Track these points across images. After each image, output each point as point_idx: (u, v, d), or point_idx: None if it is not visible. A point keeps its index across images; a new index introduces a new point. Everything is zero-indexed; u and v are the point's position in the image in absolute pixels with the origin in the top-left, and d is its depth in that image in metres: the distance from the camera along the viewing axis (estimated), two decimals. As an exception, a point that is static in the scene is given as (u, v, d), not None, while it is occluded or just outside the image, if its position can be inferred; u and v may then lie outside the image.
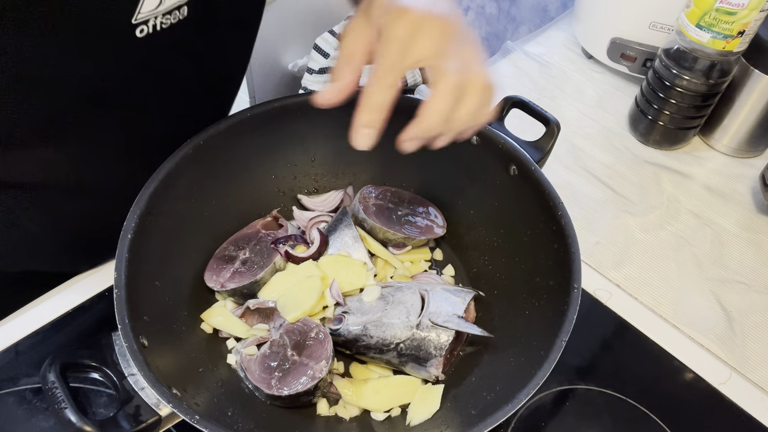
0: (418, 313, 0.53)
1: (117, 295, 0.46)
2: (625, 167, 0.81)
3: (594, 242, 0.72)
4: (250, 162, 0.61)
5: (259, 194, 0.63)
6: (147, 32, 0.44)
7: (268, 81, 1.68)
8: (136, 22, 0.43)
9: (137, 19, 0.43)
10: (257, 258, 0.58)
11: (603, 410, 0.57)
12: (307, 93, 0.76)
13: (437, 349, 0.52)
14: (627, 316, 0.64)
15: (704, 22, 0.71)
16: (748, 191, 0.79)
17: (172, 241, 0.55)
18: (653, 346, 0.61)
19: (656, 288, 0.68)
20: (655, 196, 0.78)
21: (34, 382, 0.54)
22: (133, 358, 0.43)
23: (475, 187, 0.62)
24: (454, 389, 0.53)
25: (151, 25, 0.44)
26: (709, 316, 0.66)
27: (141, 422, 0.44)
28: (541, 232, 0.55)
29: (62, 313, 0.59)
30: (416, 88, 0.93)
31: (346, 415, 0.52)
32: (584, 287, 0.60)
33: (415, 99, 0.62)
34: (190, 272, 0.57)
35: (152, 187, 0.52)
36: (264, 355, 0.52)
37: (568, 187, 0.78)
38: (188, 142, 0.55)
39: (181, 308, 0.54)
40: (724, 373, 0.60)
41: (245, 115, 0.58)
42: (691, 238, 0.73)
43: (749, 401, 0.58)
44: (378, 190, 0.64)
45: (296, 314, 0.53)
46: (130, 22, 0.42)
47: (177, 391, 0.45)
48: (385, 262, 0.61)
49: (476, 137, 0.59)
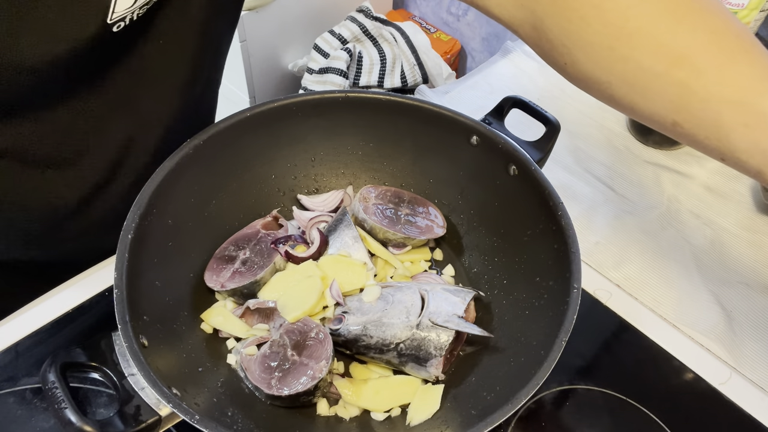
0: (418, 313, 0.53)
1: (117, 295, 0.46)
2: (625, 167, 0.81)
3: (594, 242, 0.72)
4: (250, 162, 0.61)
5: (259, 194, 0.63)
6: (124, 26, 0.44)
7: (268, 81, 1.68)
8: (112, 21, 0.43)
9: (112, 19, 0.43)
10: (257, 258, 0.58)
11: (603, 410, 0.57)
12: (307, 93, 0.76)
13: (437, 349, 0.52)
14: (627, 316, 0.64)
15: (704, 22, 0.71)
16: (748, 191, 0.79)
17: (172, 241, 0.55)
18: (653, 346, 0.61)
19: (656, 288, 0.68)
20: (655, 196, 0.78)
21: (34, 382, 0.54)
22: (133, 358, 0.43)
23: (475, 187, 0.62)
24: (454, 389, 0.53)
25: (128, 19, 0.44)
26: (709, 316, 0.66)
27: (141, 422, 0.44)
28: (541, 232, 0.55)
29: (62, 313, 0.59)
30: (416, 88, 0.93)
31: (346, 415, 0.52)
32: (584, 287, 0.60)
33: (415, 99, 0.62)
34: (190, 272, 0.57)
35: (152, 187, 0.52)
36: (264, 355, 0.52)
37: (568, 187, 0.78)
38: (188, 142, 0.55)
39: (181, 308, 0.54)
40: (724, 373, 0.60)
41: (245, 115, 0.58)
42: (691, 238, 0.73)
43: (749, 401, 0.58)
44: (378, 190, 0.64)
45: (296, 314, 0.53)
46: (106, 22, 0.42)
47: (177, 391, 0.44)
48: (385, 262, 0.61)
49: (476, 137, 0.59)
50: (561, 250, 0.51)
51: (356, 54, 1.61)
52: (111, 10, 0.42)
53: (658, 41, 0.41)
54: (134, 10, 0.44)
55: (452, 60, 1.81)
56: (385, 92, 0.89)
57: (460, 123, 0.60)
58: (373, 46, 1.68)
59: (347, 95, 0.61)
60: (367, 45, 1.67)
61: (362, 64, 1.63)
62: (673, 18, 0.41)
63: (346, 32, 1.64)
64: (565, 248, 0.51)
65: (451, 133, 0.60)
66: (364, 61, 1.63)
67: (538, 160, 0.57)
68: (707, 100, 0.40)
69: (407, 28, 1.67)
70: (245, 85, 1.63)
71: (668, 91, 0.41)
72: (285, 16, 1.58)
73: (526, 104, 0.61)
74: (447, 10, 1.83)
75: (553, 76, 0.94)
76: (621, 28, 0.42)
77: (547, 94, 0.91)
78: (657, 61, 0.41)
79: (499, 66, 0.96)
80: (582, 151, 0.83)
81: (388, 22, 1.69)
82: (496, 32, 1.75)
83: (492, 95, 0.90)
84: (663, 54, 0.41)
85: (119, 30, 0.44)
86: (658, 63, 0.41)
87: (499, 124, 0.60)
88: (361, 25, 1.66)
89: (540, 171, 0.55)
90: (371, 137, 0.64)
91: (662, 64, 0.41)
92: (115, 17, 0.43)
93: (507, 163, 0.58)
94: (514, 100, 0.61)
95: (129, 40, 0.46)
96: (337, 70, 1.57)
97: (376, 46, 1.68)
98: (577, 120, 0.87)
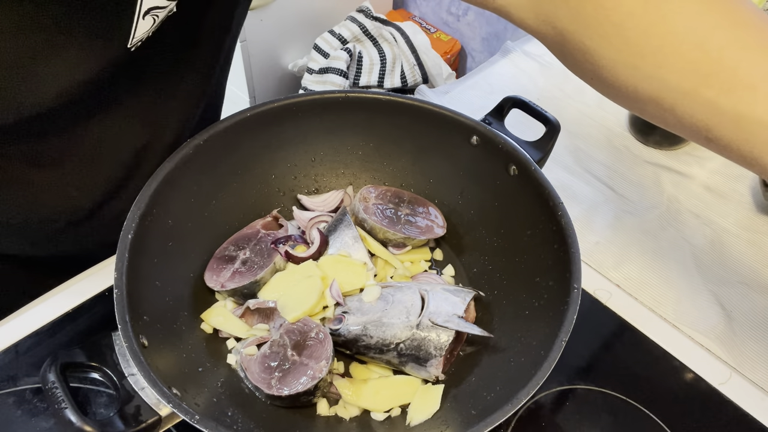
0: (418, 313, 0.53)
1: (117, 295, 0.46)
2: (625, 167, 0.81)
3: (594, 242, 0.72)
4: (250, 162, 0.61)
5: (259, 194, 0.63)
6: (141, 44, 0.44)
7: (268, 81, 1.68)
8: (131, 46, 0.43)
9: (132, 43, 0.43)
10: (257, 258, 0.58)
11: (603, 410, 0.57)
12: (307, 93, 0.76)
13: (437, 349, 0.52)
14: (627, 316, 0.64)
15: (704, 22, 0.71)
16: (747, 191, 0.79)
17: (172, 241, 0.55)
18: (653, 346, 0.61)
19: (656, 288, 0.68)
20: (655, 196, 0.78)
21: (34, 382, 0.54)
22: (133, 358, 0.43)
23: (475, 187, 0.62)
24: (454, 389, 0.53)
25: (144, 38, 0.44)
26: (709, 316, 0.66)
27: (141, 422, 0.44)
28: (541, 232, 0.55)
29: (62, 313, 0.59)
30: (416, 88, 0.93)
31: (346, 415, 0.52)
32: (584, 287, 0.60)
33: (415, 99, 0.62)
34: (190, 272, 0.57)
35: (152, 187, 0.52)
36: (264, 355, 0.52)
37: (568, 187, 0.78)
38: (188, 142, 0.55)
39: (181, 308, 0.54)
40: (724, 373, 0.60)
41: (245, 115, 0.58)
42: (691, 238, 0.73)
43: (749, 401, 0.58)
44: (378, 190, 0.64)
45: (296, 314, 0.53)
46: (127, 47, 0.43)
47: (177, 391, 0.45)
48: (385, 262, 0.61)
49: (476, 137, 0.59)
50: (561, 250, 0.51)
51: (356, 54, 1.61)
52: (132, 36, 0.42)
53: (685, 59, 0.39)
54: (151, 31, 0.44)
55: (452, 60, 1.81)
56: (385, 92, 0.89)
57: (460, 123, 0.60)
58: (373, 46, 1.68)
59: (347, 95, 0.61)
60: (367, 45, 1.67)
61: (362, 64, 1.63)
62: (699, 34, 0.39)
63: (346, 32, 1.64)
64: (565, 248, 0.51)
65: (451, 133, 0.60)
66: (364, 61, 1.63)
67: (538, 160, 0.57)
68: (737, 121, 0.39)
69: (407, 28, 1.67)
70: (245, 85, 1.63)
71: (697, 110, 0.40)
72: (285, 16, 1.58)
73: (526, 104, 0.61)
74: (447, 10, 1.83)
75: (553, 76, 0.95)
76: (644, 47, 0.40)
77: (547, 94, 0.91)
78: (684, 80, 0.39)
79: (499, 66, 0.96)
80: (582, 151, 0.83)
81: (388, 22, 1.69)
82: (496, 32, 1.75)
83: (492, 95, 0.90)
84: (690, 72, 0.39)
85: (135, 49, 0.44)
86: (686, 81, 0.39)
87: (499, 124, 0.60)
88: (361, 25, 1.66)
89: (540, 171, 0.55)
90: (371, 137, 0.64)
91: (690, 83, 0.39)
92: (135, 42, 0.43)
93: (507, 163, 0.58)
94: (514, 100, 0.61)
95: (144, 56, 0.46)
96: (337, 70, 1.57)
97: (376, 46, 1.68)
98: (577, 120, 0.87)
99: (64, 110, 0.46)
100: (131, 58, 0.45)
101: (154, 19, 0.43)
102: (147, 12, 0.41)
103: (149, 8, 0.41)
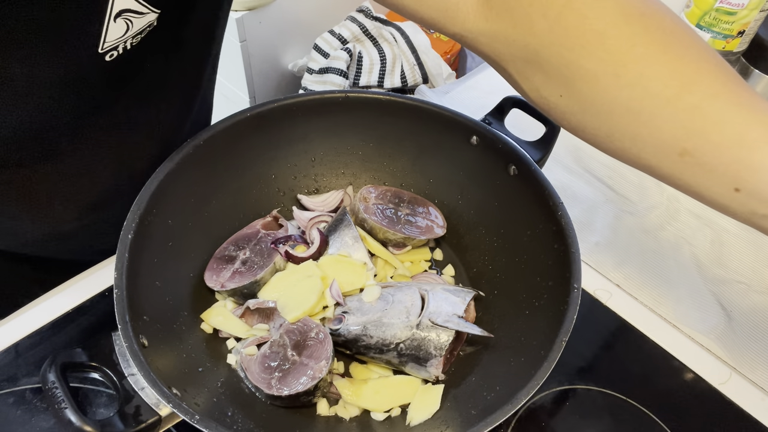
0: (418, 313, 0.53)
1: (117, 295, 0.46)
2: (625, 167, 0.81)
3: (594, 242, 0.72)
4: (250, 162, 0.61)
5: (259, 194, 0.63)
6: (117, 55, 0.43)
7: (268, 81, 1.68)
8: (103, 51, 0.42)
9: (103, 48, 0.42)
10: (257, 258, 0.58)
11: (603, 410, 0.57)
12: (307, 93, 0.76)
13: (437, 349, 0.52)
14: (627, 316, 0.64)
15: (704, 22, 0.71)
16: (748, 191, 0.79)
17: (172, 241, 0.55)
18: (653, 346, 0.61)
19: (656, 288, 0.68)
20: (655, 196, 0.78)
21: (34, 382, 0.54)
22: (133, 358, 0.43)
23: (475, 187, 0.62)
24: (454, 389, 0.53)
25: (121, 48, 0.43)
26: (709, 316, 0.66)
27: (141, 422, 0.44)
28: (541, 232, 0.55)
29: (62, 313, 0.59)
30: (416, 88, 0.93)
31: (346, 415, 0.52)
32: (584, 287, 0.60)
33: (415, 99, 0.62)
34: (190, 272, 0.57)
35: (152, 187, 0.52)
36: (264, 355, 0.52)
37: (568, 187, 0.78)
38: (188, 142, 0.55)
39: (181, 308, 0.54)
40: (724, 373, 0.60)
41: (245, 115, 0.58)
42: (691, 238, 0.73)
43: (749, 401, 0.58)
44: (378, 190, 0.64)
45: (296, 314, 0.53)
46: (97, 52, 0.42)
47: (177, 391, 0.45)
48: (385, 262, 0.61)
49: (476, 137, 0.59)
50: (561, 250, 0.51)
51: (356, 54, 1.61)
52: (102, 39, 0.41)
53: (668, 67, 0.39)
54: (126, 39, 0.43)
55: (452, 60, 1.81)
56: (385, 92, 0.89)
57: (460, 123, 0.60)
58: (373, 46, 1.68)
59: (347, 95, 0.61)
60: (367, 45, 1.67)
61: (362, 64, 1.63)
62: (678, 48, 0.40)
63: (346, 32, 1.64)
64: (565, 248, 0.51)
65: (451, 133, 0.60)
66: (364, 61, 1.63)
67: (538, 160, 0.57)
68: (723, 122, 0.39)
69: (407, 28, 1.67)
70: (245, 85, 1.63)
71: (679, 117, 0.39)
72: (285, 16, 1.58)
73: (526, 104, 0.61)
74: (447, 10, 1.83)
75: (553, 76, 0.95)
76: (626, 54, 0.40)
77: (547, 94, 0.91)
78: (666, 86, 0.39)
79: (499, 66, 0.96)
80: (582, 151, 0.83)
81: (388, 22, 1.69)
82: (496, 32, 1.74)
83: (492, 95, 0.90)
84: (673, 78, 0.39)
85: (112, 59, 0.43)
86: (668, 88, 0.39)
87: (499, 124, 0.60)
88: (361, 25, 1.66)
89: (540, 171, 0.55)
90: (371, 137, 0.64)
91: (672, 89, 0.39)
92: (107, 47, 0.42)
93: (507, 163, 0.58)
94: (514, 100, 0.61)
95: (126, 66, 0.46)
96: (337, 70, 1.57)
97: (376, 46, 1.67)
98: (577, 120, 0.87)
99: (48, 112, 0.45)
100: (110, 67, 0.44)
101: (127, 24, 0.42)
102: (119, 14, 0.41)
103: (121, 10, 0.41)
